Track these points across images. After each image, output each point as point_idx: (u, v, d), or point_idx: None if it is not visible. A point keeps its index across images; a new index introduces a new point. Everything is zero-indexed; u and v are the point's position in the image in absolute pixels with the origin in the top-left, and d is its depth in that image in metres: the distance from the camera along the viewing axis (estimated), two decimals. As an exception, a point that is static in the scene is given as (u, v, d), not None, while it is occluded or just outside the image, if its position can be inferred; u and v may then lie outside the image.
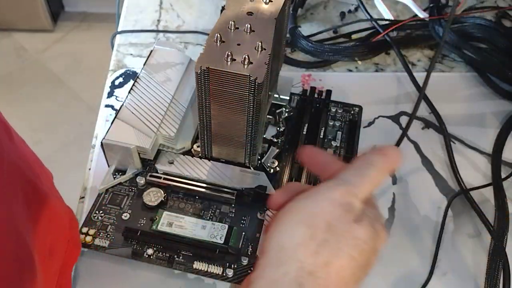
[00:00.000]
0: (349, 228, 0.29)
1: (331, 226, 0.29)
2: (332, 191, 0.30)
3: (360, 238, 0.29)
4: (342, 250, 0.28)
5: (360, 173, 0.32)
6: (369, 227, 0.30)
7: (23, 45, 1.78)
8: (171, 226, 0.40)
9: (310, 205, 0.30)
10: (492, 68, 0.54)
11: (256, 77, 0.34)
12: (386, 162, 0.33)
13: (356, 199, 0.30)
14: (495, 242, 0.41)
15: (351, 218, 0.29)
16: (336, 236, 0.29)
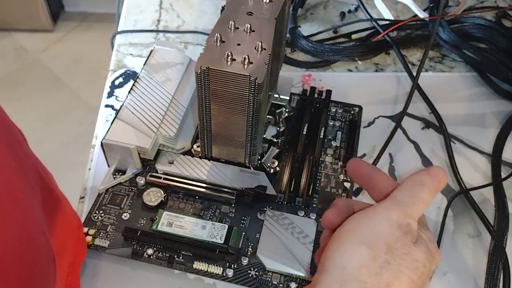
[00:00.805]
0: (409, 250, 0.30)
1: (392, 247, 0.30)
2: (390, 213, 0.31)
3: (419, 261, 0.30)
4: (403, 272, 0.29)
5: (413, 194, 0.32)
6: (426, 249, 0.30)
7: (23, 45, 1.78)
8: (171, 226, 0.40)
9: (370, 226, 0.31)
10: (492, 68, 0.54)
11: (256, 77, 0.34)
12: (435, 182, 0.33)
13: (413, 220, 0.31)
14: (495, 242, 0.41)
15: (410, 240, 0.30)
16: (397, 258, 0.29)
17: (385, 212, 0.31)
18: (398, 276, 0.29)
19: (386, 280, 0.29)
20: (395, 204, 0.32)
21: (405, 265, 0.29)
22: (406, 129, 0.51)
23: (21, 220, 0.30)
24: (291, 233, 0.40)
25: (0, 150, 0.30)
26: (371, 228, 0.31)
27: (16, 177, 0.31)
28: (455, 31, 0.57)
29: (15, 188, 0.30)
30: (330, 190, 0.44)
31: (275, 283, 0.38)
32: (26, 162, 0.34)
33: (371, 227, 0.31)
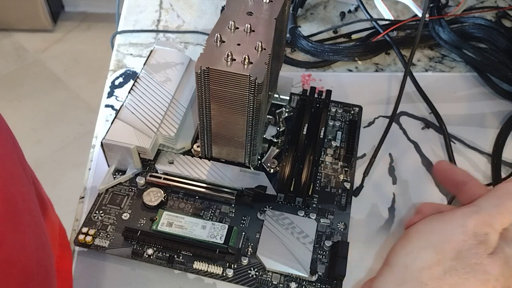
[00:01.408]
0: (480, 260, 0.28)
1: (461, 255, 0.28)
2: (467, 219, 0.29)
3: (491, 274, 0.28)
4: (469, 281, 0.28)
5: (501, 202, 0.30)
6: (503, 264, 0.28)
7: (23, 45, 1.78)
8: (171, 226, 0.40)
9: (441, 230, 0.30)
10: (492, 68, 0.54)
11: (256, 77, 0.34)
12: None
13: (493, 230, 0.29)
14: (495, 242, 0.41)
15: (484, 250, 0.29)
16: (465, 267, 0.28)
17: (461, 218, 0.30)
18: (463, 284, 0.28)
19: (449, 285, 0.28)
20: (476, 211, 0.30)
21: (473, 275, 0.28)
22: (406, 129, 0.51)
23: (35, 229, 0.31)
24: (291, 233, 0.40)
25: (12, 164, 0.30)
26: (443, 232, 0.30)
27: (27, 189, 0.32)
28: (455, 31, 0.57)
29: (28, 199, 0.31)
30: (330, 190, 0.44)
31: (275, 283, 0.38)
32: (27, 171, 0.34)
33: (443, 231, 0.30)
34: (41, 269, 0.31)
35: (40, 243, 0.32)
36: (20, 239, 0.29)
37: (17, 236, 0.28)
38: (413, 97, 0.54)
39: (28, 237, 0.30)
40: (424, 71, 0.57)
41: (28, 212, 0.31)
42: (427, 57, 0.58)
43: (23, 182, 0.32)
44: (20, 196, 0.30)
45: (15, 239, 0.28)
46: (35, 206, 0.34)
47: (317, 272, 0.38)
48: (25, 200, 0.31)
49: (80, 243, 0.39)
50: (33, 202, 0.33)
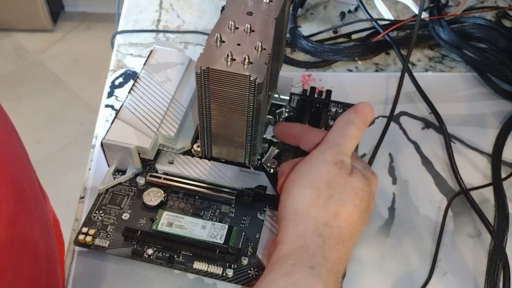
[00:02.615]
0: (346, 181, 0.34)
1: (331, 183, 0.34)
2: (325, 154, 0.35)
3: (357, 187, 0.34)
4: (345, 200, 0.33)
5: (343, 133, 0.37)
6: (361, 176, 0.35)
7: (23, 45, 1.78)
8: (171, 226, 0.40)
9: (308, 170, 0.35)
10: (492, 68, 0.54)
11: (256, 77, 0.34)
12: (361, 117, 0.37)
13: (346, 156, 0.35)
14: (495, 242, 0.41)
15: (345, 173, 0.34)
16: (338, 190, 0.34)
17: (320, 155, 0.36)
18: (342, 205, 0.33)
19: (333, 210, 0.33)
20: (328, 146, 0.36)
21: (346, 194, 0.33)
22: (406, 129, 0.51)
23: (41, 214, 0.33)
24: (291, 233, 0.40)
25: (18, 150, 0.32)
26: (311, 171, 0.35)
27: (31, 174, 0.33)
28: (455, 31, 0.57)
29: (32, 184, 0.33)
30: (330, 190, 0.44)
31: (275, 283, 0.38)
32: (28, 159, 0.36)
33: (310, 170, 0.35)
34: (48, 251, 0.33)
35: (45, 226, 0.33)
36: (29, 221, 0.30)
37: (27, 219, 0.30)
38: (413, 97, 0.54)
39: (35, 220, 0.31)
40: (424, 71, 0.57)
41: (33, 197, 0.32)
42: (427, 57, 0.58)
43: (27, 168, 0.33)
44: (25, 180, 0.31)
45: (25, 220, 0.30)
46: (39, 192, 0.35)
47: (317, 272, 0.38)
48: (30, 185, 0.32)
49: (80, 243, 0.39)
50: (36, 188, 0.34)
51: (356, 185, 0.34)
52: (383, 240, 0.43)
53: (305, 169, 0.36)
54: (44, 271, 0.32)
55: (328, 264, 0.31)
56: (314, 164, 0.35)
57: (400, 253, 0.42)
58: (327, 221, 0.33)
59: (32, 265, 0.30)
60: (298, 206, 0.34)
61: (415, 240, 0.43)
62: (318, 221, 0.33)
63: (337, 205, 0.33)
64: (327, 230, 0.32)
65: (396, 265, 0.41)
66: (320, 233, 0.32)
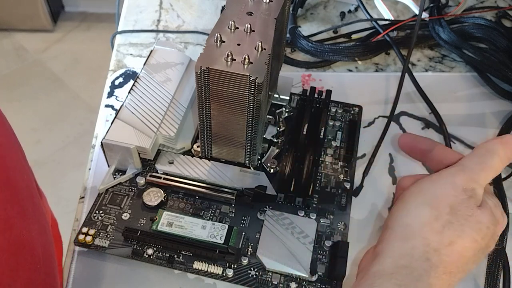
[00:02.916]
0: (472, 212, 0.31)
1: (455, 209, 0.31)
2: (455, 177, 0.32)
3: (483, 222, 0.31)
4: (465, 232, 0.30)
5: (482, 160, 0.33)
6: (490, 213, 0.32)
7: (23, 45, 1.78)
8: (171, 226, 0.40)
9: (433, 188, 0.32)
10: (492, 68, 0.54)
11: (256, 77, 0.34)
12: (507, 150, 0.34)
13: (478, 186, 0.32)
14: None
15: (474, 203, 0.31)
16: (460, 219, 0.31)
17: (450, 177, 0.32)
18: (460, 235, 0.30)
19: (449, 238, 0.30)
20: (461, 169, 0.33)
21: (468, 226, 0.30)
22: (406, 129, 0.51)
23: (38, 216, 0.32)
24: (291, 233, 0.40)
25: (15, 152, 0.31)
26: (435, 190, 0.32)
27: (28, 176, 0.33)
28: (455, 31, 0.57)
29: (30, 186, 0.32)
30: (330, 190, 0.44)
31: (275, 283, 0.38)
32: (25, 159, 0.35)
33: (435, 189, 0.32)
34: (46, 253, 0.32)
35: (42, 228, 0.33)
36: (26, 223, 0.30)
37: (24, 221, 0.30)
38: (413, 97, 0.54)
39: (32, 222, 0.31)
40: (424, 71, 0.57)
41: (31, 199, 0.32)
42: (427, 57, 0.58)
43: (24, 169, 0.33)
44: (22, 182, 0.31)
45: (22, 223, 0.29)
46: (36, 193, 0.34)
47: (317, 272, 0.38)
48: (27, 186, 0.32)
49: (80, 243, 0.39)
50: (33, 189, 0.34)
51: (482, 220, 0.31)
52: (383, 240, 0.43)
53: (429, 185, 0.33)
54: (43, 273, 0.32)
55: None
56: (441, 184, 0.32)
57: (400, 253, 0.42)
58: (439, 248, 0.30)
59: (30, 268, 0.30)
60: (411, 221, 0.31)
61: (415, 240, 0.43)
62: (428, 244, 0.30)
63: (455, 234, 0.30)
64: (436, 256, 0.30)
65: (396, 265, 0.41)
66: (428, 258, 0.30)
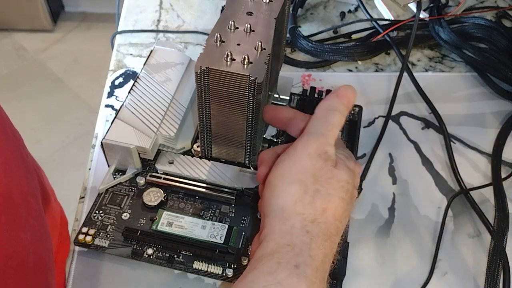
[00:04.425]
0: (331, 174, 0.33)
1: (317, 176, 0.32)
2: (308, 146, 0.33)
3: (343, 179, 0.33)
4: (332, 194, 0.32)
5: (325, 121, 0.35)
6: (346, 168, 0.33)
7: (23, 45, 1.78)
8: (171, 226, 0.40)
9: (293, 164, 0.33)
10: (492, 68, 0.54)
11: (256, 77, 0.34)
12: (345, 102, 0.36)
13: (330, 147, 0.34)
14: (495, 242, 0.41)
15: (330, 165, 0.33)
16: (324, 185, 0.32)
17: (303, 148, 0.34)
18: (329, 199, 0.32)
19: (320, 206, 0.32)
20: (311, 137, 0.34)
21: (332, 188, 0.32)
22: (406, 129, 0.51)
23: (32, 223, 0.31)
24: (291, 233, 0.40)
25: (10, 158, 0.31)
26: (294, 165, 0.33)
27: (25, 183, 0.32)
28: (455, 31, 0.57)
29: (27, 194, 0.31)
30: (330, 190, 0.44)
31: (275, 283, 0.38)
32: (28, 163, 0.35)
33: (295, 165, 0.33)
34: (38, 262, 0.32)
35: (37, 236, 0.32)
36: (17, 232, 0.29)
37: (14, 230, 0.29)
38: (413, 97, 0.54)
39: (24, 230, 0.30)
40: (424, 71, 0.57)
41: (26, 206, 0.31)
42: (427, 57, 0.58)
43: (22, 174, 0.32)
44: (17, 189, 0.30)
45: (11, 232, 0.29)
46: (35, 199, 0.34)
47: (317, 272, 0.38)
48: (22, 193, 0.31)
49: (80, 243, 0.39)
50: (31, 195, 0.33)
51: (342, 178, 0.33)
52: (383, 240, 0.43)
53: (289, 162, 0.34)
54: (33, 282, 0.31)
55: (314, 263, 0.30)
56: (298, 157, 0.33)
57: (400, 253, 0.42)
58: (315, 218, 0.31)
59: (18, 278, 0.29)
60: (284, 203, 0.32)
61: (415, 240, 0.43)
62: (305, 218, 0.31)
63: (325, 200, 0.32)
64: (314, 227, 0.31)
65: (396, 265, 0.41)
66: (307, 231, 0.31)
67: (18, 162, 0.33)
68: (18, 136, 0.35)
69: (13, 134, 0.34)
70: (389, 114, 0.50)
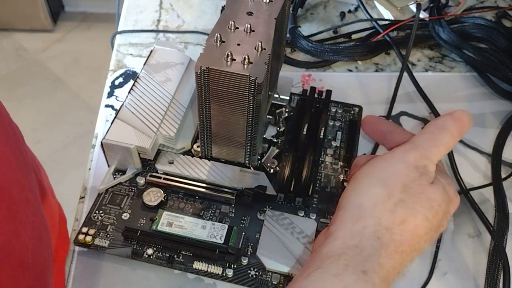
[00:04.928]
0: (424, 190, 0.31)
1: (407, 187, 0.30)
2: (407, 155, 0.32)
3: (434, 200, 0.30)
4: (417, 210, 0.30)
5: (433, 137, 0.33)
6: (442, 190, 0.31)
7: (23, 45, 1.78)
8: (171, 226, 0.40)
9: (386, 167, 0.32)
10: (492, 68, 0.54)
11: (256, 77, 0.34)
12: (458, 126, 0.33)
13: (430, 163, 0.32)
14: (495, 242, 0.41)
15: (425, 180, 0.31)
16: (412, 197, 0.30)
17: (402, 155, 0.32)
18: (412, 213, 0.30)
19: (401, 216, 0.30)
20: (413, 147, 0.32)
21: (420, 204, 0.30)
22: (406, 129, 0.51)
23: (32, 219, 0.31)
24: (291, 233, 0.40)
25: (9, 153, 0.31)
26: (387, 169, 0.32)
27: (25, 177, 0.32)
28: (455, 31, 0.57)
29: (25, 188, 0.31)
30: (330, 190, 0.44)
31: (275, 283, 0.38)
32: (27, 159, 0.35)
33: (387, 168, 0.32)
34: (37, 259, 0.31)
35: (37, 232, 0.32)
36: (15, 228, 0.29)
37: (12, 225, 0.29)
38: (413, 97, 0.54)
39: (23, 226, 0.30)
40: (424, 71, 0.57)
41: (25, 201, 0.31)
42: (427, 57, 0.58)
43: (21, 170, 0.32)
44: (16, 185, 0.30)
45: (10, 228, 0.28)
46: (34, 195, 0.34)
47: (317, 272, 0.38)
48: (21, 189, 0.31)
49: (80, 243, 0.39)
50: (31, 191, 0.33)
51: (434, 198, 0.31)
52: (383, 240, 0.43)
53: (382, 164, 0.32)
54: (31, 280, 0.31)
55: (382, 272, 0.28)
56: (393, 162, 0.32)
57: (400, 253, 0.42)
58: (391, 226, 0.30)
59: (15, 275, 0.29)
60: (363, 201, 0.31)
61: (415, 240, 0.43)
62: (380, 223, 0.30)
63: (407, 212, 0.30)
64: (387, 235, 0.29)
65: (396, 265, 0.41)
66: (379, 237, 0.29)
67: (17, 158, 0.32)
68: (17, 131, 0.35)
69: (12, 129, 0.34)
70: (389, 114, 0.50)
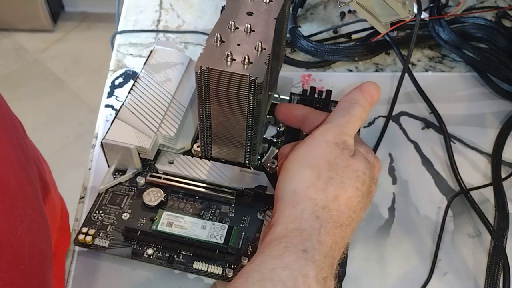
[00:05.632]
0: (348, 163, 0.32)
1: (332, 164, 0.32)
2: (326, 134, 0.34)
3: (359, 170, 0.32)
4: (346, 183, 0.32)
5: (346, 113, 0.35)
6: (364, 159, 0.33)
7: (23, 45, 1.78)
8: (171, 226, 0.40)
9: (310, 150, 0.34)
10: (492, 68, 0.54)
11: (256, 77, 0.34)
12: (367, 98, 0.36)
13: (348, 137, 0.34)
14: (495, 242, 0.41)
15: (347, 154, 0.33)
16: (339, 172, 0.32)
17: (321, 135, 0.34)
18: (342, 187, 0.32)
19: (333, 193, 0.31)
20: (330, 126, 0.34)
21: (347, 177, 0.32)
22: (406, 129, 0.51)
23: (29, 213, 0.31)
24: (291, 233, 0.40)
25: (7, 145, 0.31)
26: (311, 151, 0.33)
27: (23, 172, 0.32)
28: (455, 31, 0.57)
29: (24, 182, 0.31)
30: (330, 190, 0.43)
31: (275, 283, 0.38)
32: (27, 153, 0.34)
33: (311, 151, 0.33)
34: (35, 252, 0.31)
35: (34, 226, 0.32)
36: (12, 222, 0.29)
37: (9, 219, 0.29)
38: (413, 97, 0.54)
39: (20, 220, 0.30)
40: (424, 71, 0.57)
41: (23, 195, 0.31)
42: (427, 57, 0.58)
43: (20, 163, 0.32)
44: (14, 179, 0.30)
45: (6, 221, 0.28)
46: (33, 189, 0.34)
47: (317, 272, 0.38)
48: (20, 183, 0.31)
49: (80, 243, 0.39)
50: (30, 185, 0.33)
51: (358, 168, 0.33)
52: (383, 240, 0.43)
53: (305, 149, 0.34)
54: (28, 273, 0.31)
55: (323, 248, 0.30)
56: (315, 144, 0.34)
57: (400, 253, 0.42)
58: (326, 204, 0.31)
59: (10, 268, 0.29)
60: (297, 186, 0.32)
61: (415, 240, 0.43)
62: (316, 204, 0.31)
63: (337, 187, 0.32)
64: (325, 213, 0.31)
65: (396, 265, 0.41)
66: (317, 216, 0.31)
67: (16, 151, 0.32)
68: (17, 124, 0.35)
69: (12, 122, 0.34)
70: (390, 114, 0.50)
